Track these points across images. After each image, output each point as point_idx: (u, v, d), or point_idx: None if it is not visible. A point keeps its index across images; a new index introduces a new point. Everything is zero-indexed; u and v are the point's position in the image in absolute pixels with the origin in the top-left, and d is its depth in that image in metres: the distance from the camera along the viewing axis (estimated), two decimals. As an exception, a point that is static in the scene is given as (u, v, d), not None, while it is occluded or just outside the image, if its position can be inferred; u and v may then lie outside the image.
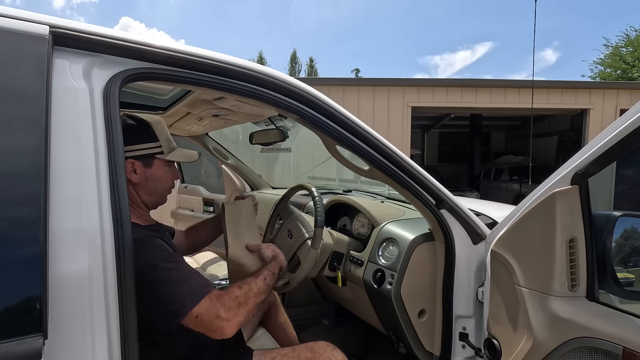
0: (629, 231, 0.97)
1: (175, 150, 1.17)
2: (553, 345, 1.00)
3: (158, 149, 1.12)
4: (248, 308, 0.99)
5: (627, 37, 17.26)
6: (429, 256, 1.42)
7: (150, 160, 1.12)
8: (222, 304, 0.94)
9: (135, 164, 1.09)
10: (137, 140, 1.09)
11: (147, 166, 1.11)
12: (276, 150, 2.20)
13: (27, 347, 0.62)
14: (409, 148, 8.85)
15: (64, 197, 0.73)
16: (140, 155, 1.09)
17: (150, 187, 1.12)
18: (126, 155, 1.04)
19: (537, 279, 1.03)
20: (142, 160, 1.10)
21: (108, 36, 0.82)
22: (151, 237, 1.00)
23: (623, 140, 0.87)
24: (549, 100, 9.10)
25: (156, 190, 1.14)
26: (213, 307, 0.93)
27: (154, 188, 1.13)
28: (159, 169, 1.13)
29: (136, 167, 1.09)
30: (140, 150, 1.09)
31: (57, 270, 0.69)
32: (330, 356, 1.22)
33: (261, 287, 1.06)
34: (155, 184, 1.13)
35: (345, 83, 9.12)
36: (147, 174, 1.11)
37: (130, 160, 1.07)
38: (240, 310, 0.96)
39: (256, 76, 0.99)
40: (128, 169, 1.07)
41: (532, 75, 3.89)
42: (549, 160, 11.97)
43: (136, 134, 1.10)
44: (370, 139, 1.15)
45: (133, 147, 1.07)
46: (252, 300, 1.01)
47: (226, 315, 0.93)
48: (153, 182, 1.12)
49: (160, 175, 1.14)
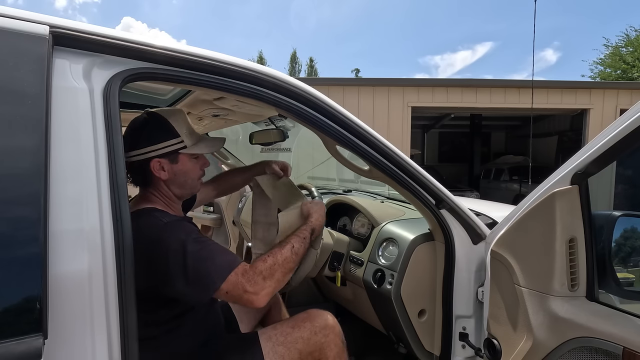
0: (629, 231, 0.97)
1: (199, 143, 1.18)
2: (553, 345, 1.00)
3: (181, 144, 1.13)
4: (276, 279, 1.02)
5: (627, 37, 17.26)
6: (429, 256, 1.43)
7: (175, 156, 1.12)
8: (247, 279, 0.98)
9: (162, 161, 1.10)
10: (158, 139, 1.10)
11: (174, 162, 1.13)
12: (276, 150, 2.20)
13: (27, 347, 0.62)
14: (409, 148, 8.85)
15: (64, 197, 0.73)
16: (165, 153, 1.10)
17: (180, 181, 1.15)
18: (150, 156, 1.09)
19: (537, 279, 1.03)
20: (167, 157, 1.11)
21: (108, 36, 0.82)
22: (181, 221, 1.05)
23: (623, 140, 0.87)
24: (549, 100, 9.10)
25: (186, 182, 1.17)
26: (239, 283, 0.97)
27: (183, 181, 1.16)
28: (186, 162, 1.15)
29: (163, 165, 1.11)
30: (163, 149, 1.10)
31: (57, 270, 0.69)
32: (322, 314, 1.28)
33: (287, 256, 1.07)
34: (185, 177, 1.15)
35: (345, 83, 9.12)
36: (174, 169, 1.13)
37: (156, 160, 1.09)
38: (266, 282, 1.00)
39: (256, 76, 0.99)
40: (155, 168, 1.10)
41: (532, 75, 3.89)
42: (549, 160, 11.97)
43: (156, 132, 1.11)
44: (370, 139, 1.15)
45: (155, 146, 1.09)
46: (279, 271, 1.04)
47: (253, 289, 0.98)
48: (182, 175, 1.14)
49: (188, 169, 1.15)
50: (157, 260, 0.96)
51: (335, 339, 1.25)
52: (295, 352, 1.19)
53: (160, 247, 0.97)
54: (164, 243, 0.97)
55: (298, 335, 1.20)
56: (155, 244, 0.97)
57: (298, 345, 1.19)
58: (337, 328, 1.28)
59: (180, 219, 1.09)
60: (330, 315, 1.29)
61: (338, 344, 1.26)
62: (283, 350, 1.17)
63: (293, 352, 1.18)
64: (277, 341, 1.18)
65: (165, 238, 0.97)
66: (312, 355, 1.22)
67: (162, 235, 0.98)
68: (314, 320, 1.25)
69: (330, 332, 1.24)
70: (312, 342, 1.21)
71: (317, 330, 1.22)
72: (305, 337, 1.20)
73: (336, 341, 1.25)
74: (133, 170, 1.11)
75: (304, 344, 1.20)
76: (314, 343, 1.21)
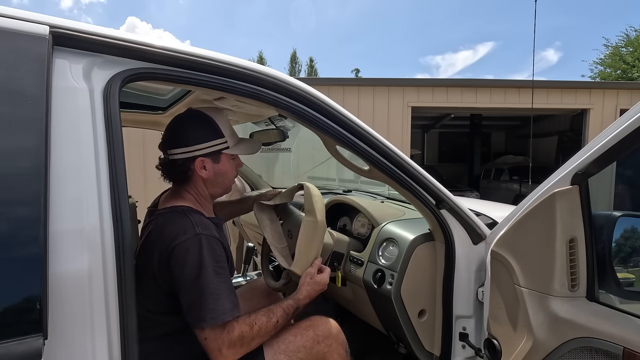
0: (629, 231, 0.97)
1: (239, 143, 1.21)
2: (553, 345, 1.00)
3: (224, 144, 1.15)
4: (249, 347, 1.05)
5: (627, 37, 17.26)
6: (429, 256, 1.42)
7: (218, 155, 1.15)
8: (229, 340, 1.00)
9: (205, 160, 1.13)
10: (204, 138, 1.12)
11: (216, 162, 1.15)
12: (276, 150, 2.20)
13: (27, 347, 0.62)
14: (409, 148, 8.84)
15: (64, 197, 0.73)
16: (209, 153, 1.13)
17: (218, 181, 1.18)
18: (195, 155, 1.11)
19: (537, 279, 1.03)
20: (210, 157, 1.13)
21: (108, 36, 0.82)
22: (213, 238, 1.05)
23: (623, 140, 0.87)
24: (549, 100, 9.09)
25: (224, 183, 1.20)
26: (219, 339, 0.99)
27: (221, 181, 1.19)
28: (226, 162, 1.18)
29: (206, 164, 1.13)
30: (208, 148, 1.12)
31: (57, 270, 0.69)
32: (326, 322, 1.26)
33: (270, 330, 1.09)
34: (223, 178, 1.19)
35: (345, 83, 9.11)
36: (216, 169, 1.15)
37: (200, 159, 1.12)
38: (241, 349, 1.03)
39: (256, 76, 0.99)
40: (198, 166, 1.12)
41: (532, 75, 3.89)
42: (549, 160, 11.96)
43: (203, 131, 1.13)
44: (370, 139, 1.15)
45: (201, 145, 1.11)
46: (256, 341, 1.06)
47: (226, 353, 1.00)
48: (221, 176, 1.18)
49: (227, 169, 1.19)
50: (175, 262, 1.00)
51: (338, 348, 1.23)
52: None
53: (184, 254, 0.99)
54: (189, 254, 0.99)
55: (300, 345, 1.18)
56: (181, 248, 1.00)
57: (300, 355, 1.17)
58: (341, 337, 1.26)
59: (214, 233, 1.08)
60: (333, 323, 1.27)
61: (341, 354, 1.24)
62: (284, 359, 1.15)
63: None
64: (278, 349, 1.15)
65: (193, 251, 1.00)
66: None
67: (190, 246, 1.00)
68: (317, 328, 1.22)
69: (334, 342, 1.22)
70: (315, 352, 1.19)
71: (320, 340, 1.20)
72: (308, 347, 1.18)
73: (339, 351, 1.24)
74: (173, 167, 1.13)
75: (306, 353, 1.18)
76: (316, 353, 1.19)
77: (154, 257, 1.03)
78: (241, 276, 2.36)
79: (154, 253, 1.03)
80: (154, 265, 1.03)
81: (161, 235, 1.04)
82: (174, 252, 1.00)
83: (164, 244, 1.01)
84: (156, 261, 1.03)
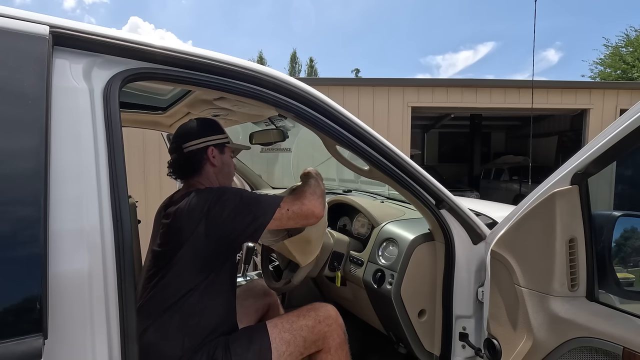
0: (629, 231, 0.97)
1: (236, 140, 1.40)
2: (553, 345, 1.00)
3: (226, 139, 1.35)
4: (317, 195, 1.27)
5: (627, 37, 17.24)
6: (429, 256, 1.42)
7: (223, 147, 1.34)
8: (297, 199, 1.22)
9: (214, 150, 1.31)
10: (212, 132, 1.32)
11: (222, 153, 1.34)
12: (276, 150, 2.20)
13: (27, 347, 0.62)
14: (409, 148, 8.83)
15: (64, 197, 0.73)
16: (216, 144, 1.31)
17: (225, 171, 1.35)
18: (208, 144, 1.29)
19: (537, 279, 1.03)
20: (217, 148, 1.32)
21: (108, 36, 0.82)
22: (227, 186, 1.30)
23: (623, 140, 0.87)
24: (549, 100, 9.08)
25: (229, 173, 1.38)
26: (292, 202, 1.20)
27: (227, 172, 1.36)
28: (227, 155, 1.37)
29: (214, 154, 1.31)
30: (216, 140, 1.31)
31: (57, 270, 0.69)
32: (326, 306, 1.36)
33: (313, 185, 1.32)
34: (228, 168, 1.37)
35: (345, 83, 9.11)
36: (222, 159, 1.34)
37: (210, 147, 1.30)
38: (312, 197, 1.25)
39: (256, 76, 1.00)
40: (209, 155, 1.29)
41: (532, 75, 3.88)
42: (549, 160, 11.96)
43: (211, 127, 1.33)
44: (370, 139, 1.15)
45: (210, 137, 1.30)
46: (315, 194, 1.27)
47: (307, 202, 1.22)
48: (226, 166, 1.36)
49: (230, 161, 1.38)
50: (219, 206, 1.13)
51: (337, 329, 1.32)
52: (300, 339, 1.24)
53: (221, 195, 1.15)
54: (226, 193, 1.16)
55: (303, 323, 1.27)
56: (218, 194, 1.15)
57: (303, 333, 1.25)
58: (340, 320, 1.34)
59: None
60: (332, 307, 1.36)
61: (340, 335, 1.32)
62: (289, 336, 1.23)
63: (298, 339, 1.24)
64: (283, 328, 1.24)
65: (225, 191, 1.18)
66: (316, 344, 1.27)
67: (224, 191, 1.18)
68: (317, 310, 1.32)
69: (333, 322, 1.31)
70: (316, 331, 1.28)
71: (321, 320, 1.29)
72: (310, 325, 1.27)
73: (338, 332, 1.32)
74: (188, 158, 1.28)
75: (309, 332, 1.26)
76: (317, 331, 1.28)
77: (193, 221, 1.12)
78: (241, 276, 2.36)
79: (192, 218, 1.12)
80: (196, 226, 1.11)
81: (198, 202, 1.14)
82: (214, 200, 1.13)
83: (201, 205, 1.13)
84: (197, 220, 1.12)
